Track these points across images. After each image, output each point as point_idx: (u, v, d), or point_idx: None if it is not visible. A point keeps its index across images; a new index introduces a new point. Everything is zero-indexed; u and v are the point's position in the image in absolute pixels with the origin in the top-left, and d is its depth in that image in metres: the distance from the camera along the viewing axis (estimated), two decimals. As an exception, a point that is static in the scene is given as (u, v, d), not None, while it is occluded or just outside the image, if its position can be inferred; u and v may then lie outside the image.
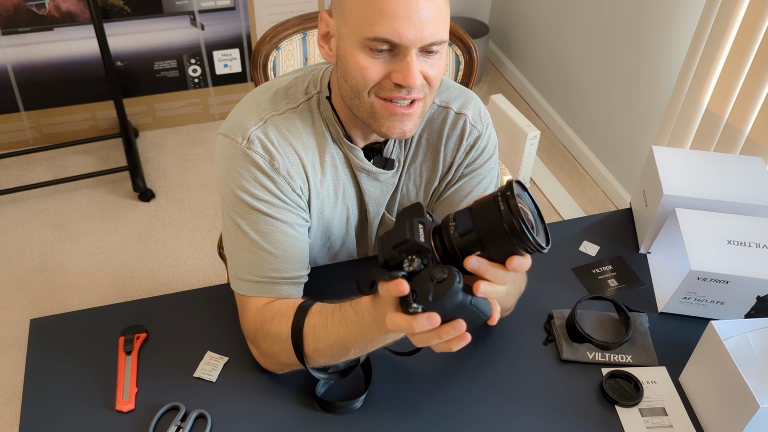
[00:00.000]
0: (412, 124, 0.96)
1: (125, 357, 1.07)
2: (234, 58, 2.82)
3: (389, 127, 0.95)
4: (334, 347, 0.92)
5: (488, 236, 0.74)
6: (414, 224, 0.77)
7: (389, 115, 0.94)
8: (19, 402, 1.89)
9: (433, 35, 0.88)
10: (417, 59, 0.89)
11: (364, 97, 0.93)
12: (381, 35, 0.87)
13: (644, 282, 1.26)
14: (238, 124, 1.00)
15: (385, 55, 0.90)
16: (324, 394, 1.03)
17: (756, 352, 1.05)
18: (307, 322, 0.94)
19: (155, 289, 2.23)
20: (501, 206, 0.73)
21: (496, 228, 0.73)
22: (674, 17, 2.17)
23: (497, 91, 3.23)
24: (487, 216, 0.74)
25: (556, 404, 1.05)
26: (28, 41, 2.53)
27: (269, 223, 1.00)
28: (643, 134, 2.42)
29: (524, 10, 3.09)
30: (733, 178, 1.31)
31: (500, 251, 0.74)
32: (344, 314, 0.90)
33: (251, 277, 1.01)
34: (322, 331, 0.92)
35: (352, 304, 0.89)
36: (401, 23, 0.86)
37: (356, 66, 0.91)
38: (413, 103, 0.94)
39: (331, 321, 0.91)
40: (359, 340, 0.89)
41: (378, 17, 0.86)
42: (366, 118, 0.96)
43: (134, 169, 2.57)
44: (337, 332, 0.91)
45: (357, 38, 0.89)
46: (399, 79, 0.90)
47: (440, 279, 0.73)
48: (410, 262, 0.75)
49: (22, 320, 2.10)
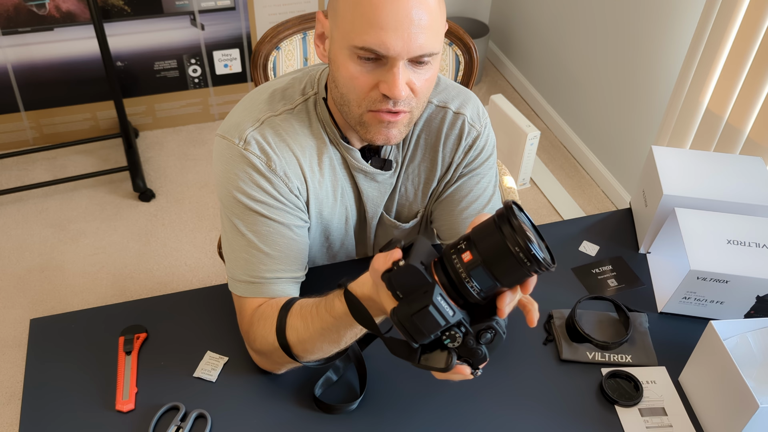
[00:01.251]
0: (398, 131, 0.96)
1: (125, 357, 1.07)
2: (234, 58, 2.82)
3: (375, 133, 0.95)
4: (316, 344, 0.93)
5: (498, 267, 0.72)
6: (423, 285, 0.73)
7: (376, 123, 0.94)
8: (19, 402, 1.89)
9: (423, 48, 0.87)
10: (404, 69, 0.89)
11: (354, 108, 0.94)
12: (368, 45, 0.86)
13: (644, 282, 1.26)
14: (235, 125, 1.01)
15: (373, 64, 0.89)
16: (322, 395, 1.03)
17: (756, 352, 1.05)
18: (288, 323, 0.95)
19: (155, 289, 2.23)
20: (508, 239, 0.71)
21: (505, 258, 0.71)
22: (674, 17, 2.17)
23: (497, 91, 3.23)
24: (494, 246, 0.72)
25: (555, 404, 1.05)
26: (28, 41, 2.53)
27: (266, 224, 1.00)
28: (643, 134, 2.42)
29: (524, 10, 3.09)
30: (733, 178, 1.31)
31: (511, 278, 0.73)
32: (318, 310, 0.92)
33: (247, 278, 1.01)
34: (304, 332, 0.93)
35: (327, 307, 0.90)
36: (389, 35, 0.85)
37: (346, 74, 0.91)
38: (399, 113, 0.93)
39: (311, 320, 0.92)
40: (333, 337, 0.91)
41: (366, 27, 0.86)
42: (354, 125, 0.97)
43: (134, 169, 2.57)
44: (315, 329, 0.92)
45: (346, 45, 0.89)
46: (385, 90, 0.89)
47: (488, 340, 0.74)
48: (452, 339, 0.73)
49: (22, 320, 2.11)
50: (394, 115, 0.93)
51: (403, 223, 1.16)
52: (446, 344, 0.74)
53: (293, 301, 0.98)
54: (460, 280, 0.73)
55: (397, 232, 1.18)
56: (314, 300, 0.94)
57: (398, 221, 1.16)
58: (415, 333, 0.72)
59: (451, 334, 0.73)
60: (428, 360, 0.75)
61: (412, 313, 0.71)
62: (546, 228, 1.35)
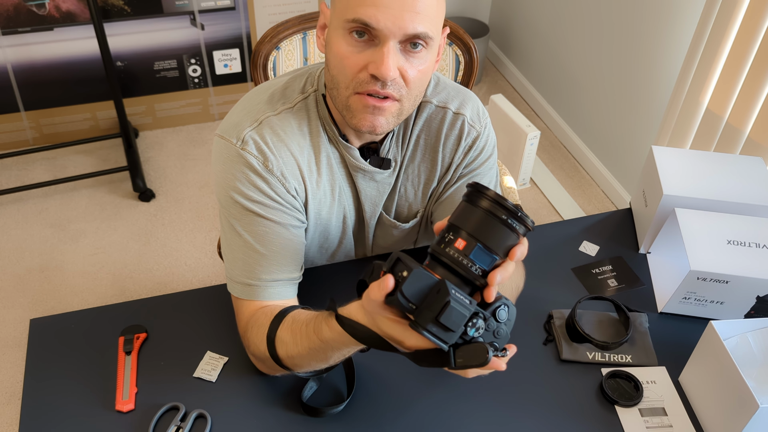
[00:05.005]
0: (384, 120, 0.94)
1: (125, 357, 1.07)
2: (234, 58, 2.82)
3: (360, 119, 0.93)
4: (304, 359, 0.93)
5: (493, 240, 0.74)
6: (434, 285, 0.73)
7: (362, 107, 0.92)
8: (19, 402, 1.89)
9: (415, 28, 0.87)
10: (395, 52, 0.88)
11: (342, 89, 0.93)
12: (359, 17, 0.86)
13: (644, 282, 1.26)
14: (233, 125, 1.01)
15: (364, 44, 0.89)
16: (311, 399, 1.03)
17: (756, 352, 1.05)
18: (278, 336, 0.95)
19: (155, 289, 2.23)
20: (492, 210, 0.74)
21: (496, 228, 0.74)
22: (674, 17, 2.17)
23: (497, 91, 3.23)
24: (481, 222, 0.74)
25: (555, 404, 1.05)
26: (28, 41, 2.53)
27: (262, 224, 1.00)
28: (643, 134, 2.42)
29: (524, 10, 3.09)
30: (733, 178, 1.31)
31: (505, 246, 0.75)
32: (308, 328, 0.91)
33: (244, 279, 1.01)
34: (292, 346, 0.93)
35: (315, 330, 0.89)
36: (381, 9, 0.85)
37: (337, 53, 0.91)
38: (387, 99, 0.92)
39: (299, 336, 0.92)
40: (319, 355, 0.91)
41: (360, 1, 0.86)
42: (342, 110, 0.95)
43: (134, 169, 2.57)
44: (303, 345, 0.91)
45: (340, 23, 0.89)
46: (373, 69, 0.88)
47: (505, 317, 0.75)
48: (476, 328, 0.73)
49: (22, 320, 2.11)
50: (380, 100, 0.91)
51: (402, 223, 1.16)
52: (473, 336, 0.73)
53: (286, 312, 0.97)
54: (464, 267, 0.74)
55: (396, 232, 1.18)
56: (305, 316, 0.93)
57: (398, 221, 1.16)
58: (444, 334, 0.72)
59: (474, 323, 0.73)
60: (465, 358, 0.74)
61: (435, 315, 0.71)
62: (546, 228, 1.35)
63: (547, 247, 1.30)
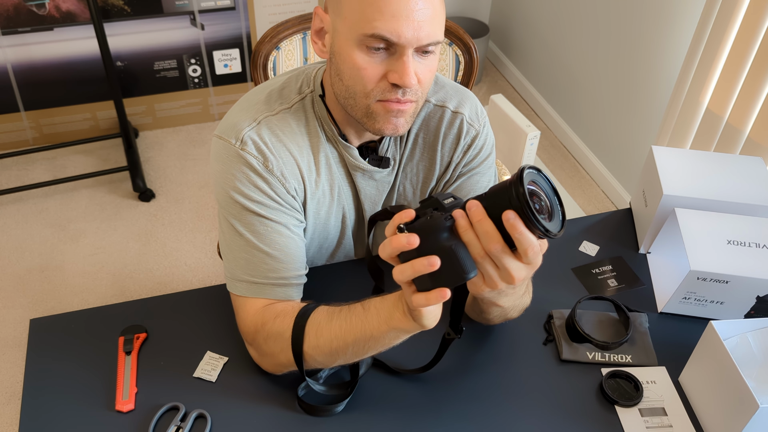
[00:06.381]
0: (404, 120, 0.96)
1: (125, 357, 1.07)
2: (234, 58, 2.82)
3: (384, 123, 0.95)
4: (333, 342, 0.93)
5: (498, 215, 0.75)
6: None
7: (385, 113, 0.94)
8: (19, 402, 1.89)
9: (430, 36, 0.89)
10: (413, 60, 0.90)
11: (360, 98, 0.93)
12: (379, 33, 0.87)
13: (644, 282, 1.26)
14: (232, 125, 1.01)
15: (382, 55, 0.90)
16: (311, 399, 1.03)
17: (756, 352, 1.05)
18: (311, 318, 0.95)
19: (155, 289, 2.23)
20: (512, 191, 0.73)
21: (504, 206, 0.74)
22: (674, 17, 2.17)
23: (497, 91, 3.23)
24: (499, 200, 0.75)
25: (555, 404, 1.05)
26: (28, 41, 2.53)
27: (264, 224, 1.00)
28: (643, 134, 2.42)
29: (524, 10, 3.09)
30: (733, 178, 1.31)
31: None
32: (351, 309, 0.92)
33: (249, 278, 1.01)
34: (325, 327, 0.93)
35: (363, 302, 0.91)
36: (400, 22, 0.86)
37: (353, 66, 0.91)
38: (407, 102, 0.94)
39: (337, 316, 0.93)
40: (358, 335, 0.90)
41: (377, 15, 0.86)
42: (360, 117, 0.96)
43: (134, 169, 2.57)
44: (339, 326, 0.92)
45: (354, 36, 0.89)
46: (395, 79, 0.90)
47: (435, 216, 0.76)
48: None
49: (22, 320, 2.11)
50: (402, 104, 0.93)
51: (402, 222, 1.16)
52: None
53: (317, 305, 0.98)
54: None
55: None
56: (350, 305, 0.94)
57: (398, 221, 1.16)
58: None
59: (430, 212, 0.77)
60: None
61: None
62: (546, 228, 1.35)
63: (548, 246, 1.29)
